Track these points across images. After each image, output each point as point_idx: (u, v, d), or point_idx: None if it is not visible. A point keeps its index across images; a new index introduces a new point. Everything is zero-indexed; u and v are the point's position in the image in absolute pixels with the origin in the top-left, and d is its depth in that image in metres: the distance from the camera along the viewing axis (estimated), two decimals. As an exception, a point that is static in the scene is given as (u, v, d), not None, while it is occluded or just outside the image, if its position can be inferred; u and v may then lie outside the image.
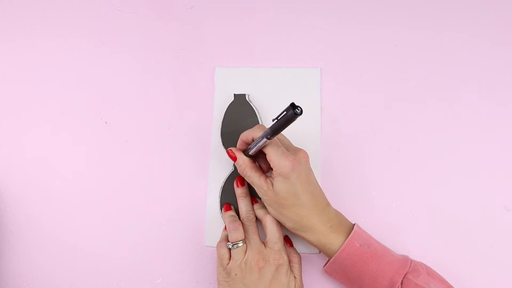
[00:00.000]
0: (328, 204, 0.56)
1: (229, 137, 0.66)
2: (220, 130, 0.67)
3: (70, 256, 0.65)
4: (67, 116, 0.70)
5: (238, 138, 0.59)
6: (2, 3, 0.77)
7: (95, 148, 0.69)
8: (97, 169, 0.68)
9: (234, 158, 0.57)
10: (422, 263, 0.55)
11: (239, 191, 0.61)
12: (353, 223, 0.57)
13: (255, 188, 0.56)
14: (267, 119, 0.66)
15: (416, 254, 0.61)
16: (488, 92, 0.68)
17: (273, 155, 0.51)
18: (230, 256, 0.55)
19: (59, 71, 0.73)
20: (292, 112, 0.45)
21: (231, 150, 0.57)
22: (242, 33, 0.72)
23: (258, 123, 0.65)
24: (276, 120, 0.49)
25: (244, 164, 0.56)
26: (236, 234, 0.56)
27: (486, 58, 0.69)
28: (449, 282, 0.54)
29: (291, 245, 0.60)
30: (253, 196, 0.62)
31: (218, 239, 0.60)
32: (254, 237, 0.56)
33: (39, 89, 0.72)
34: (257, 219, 0.59)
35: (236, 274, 0.53)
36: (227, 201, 0.64)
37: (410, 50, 0.70)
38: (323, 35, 0.71)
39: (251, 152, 0.55)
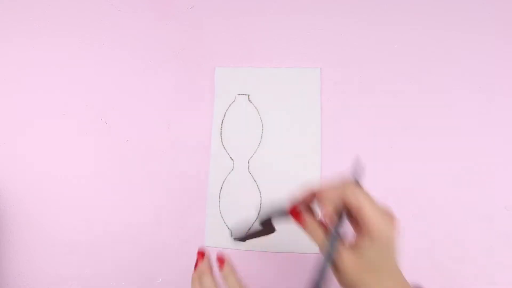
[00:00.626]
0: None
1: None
2: (220, 130, 0.67)
3: (70, 256, 0.65)
4: (67, 116, 0.70)
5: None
6: (2, 3, 0.77)
7: (95, 148, 0.69)
8: (97, 169, 0.68)
9: (301, 221, 0.44)
10: None
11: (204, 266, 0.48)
12: None
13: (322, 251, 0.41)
14: (267, 120, 0.67)
15: (416, 254, 0.61)
16: (488, 92, 0.68)
17: (372, 213, 0.40)
18: None
19: (59, 71, 0.73)
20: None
21: (297, 208, 0.44)
22: (242, 33, 0.72)
23: (259, 123, 0.66)
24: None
25: (319, 229, 0.43)
26: None
27: (487, 57, 0.69)
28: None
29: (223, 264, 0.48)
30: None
31: (218, 239, 0.60)
32: None
33: (39, 89, 0.72)
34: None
35: None
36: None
37: (410, 50, 0.70)
38: (323, 35, 0.71)
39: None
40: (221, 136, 0.66)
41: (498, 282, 0.60)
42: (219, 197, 0.64)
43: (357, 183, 0.43)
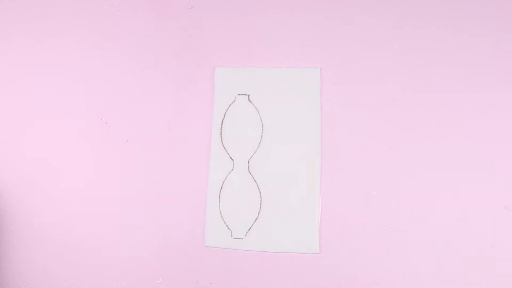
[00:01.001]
0: None
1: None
2: (220, 130, 0.67)
3: (70, 256, 0.65)
4: (67, 116, 0.70)
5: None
6: (2, 2, 0.77)
7: (94, 147, 0.69)
8: (97, 169, 0.68)
9: None
10: None
11: None
12: None
13: None
14: (267, 120, 0.67)
15: (416, 254, 0.61)
16: (488, 92, 0.67)
17: None
18: None
19: (59, 71, 0.73)
20: None
21: None
22: (242, 33, 0.72)
23: (259, 123, 0.66)
24: None
25: None
26: None
27: (486, 58, 0.69)
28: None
29: None
30: None
31: (218, 239, 0.60)
32: None
33: (39, 88, 0.72)
34: None
35: None
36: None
37: (410, 50, 0.70)
38: (323, 35, 0.71)
39: None
40: (221, 136, 0.66)
41: (499, 281, 0.60)
42: (219, 197, 0.65)
43: None
